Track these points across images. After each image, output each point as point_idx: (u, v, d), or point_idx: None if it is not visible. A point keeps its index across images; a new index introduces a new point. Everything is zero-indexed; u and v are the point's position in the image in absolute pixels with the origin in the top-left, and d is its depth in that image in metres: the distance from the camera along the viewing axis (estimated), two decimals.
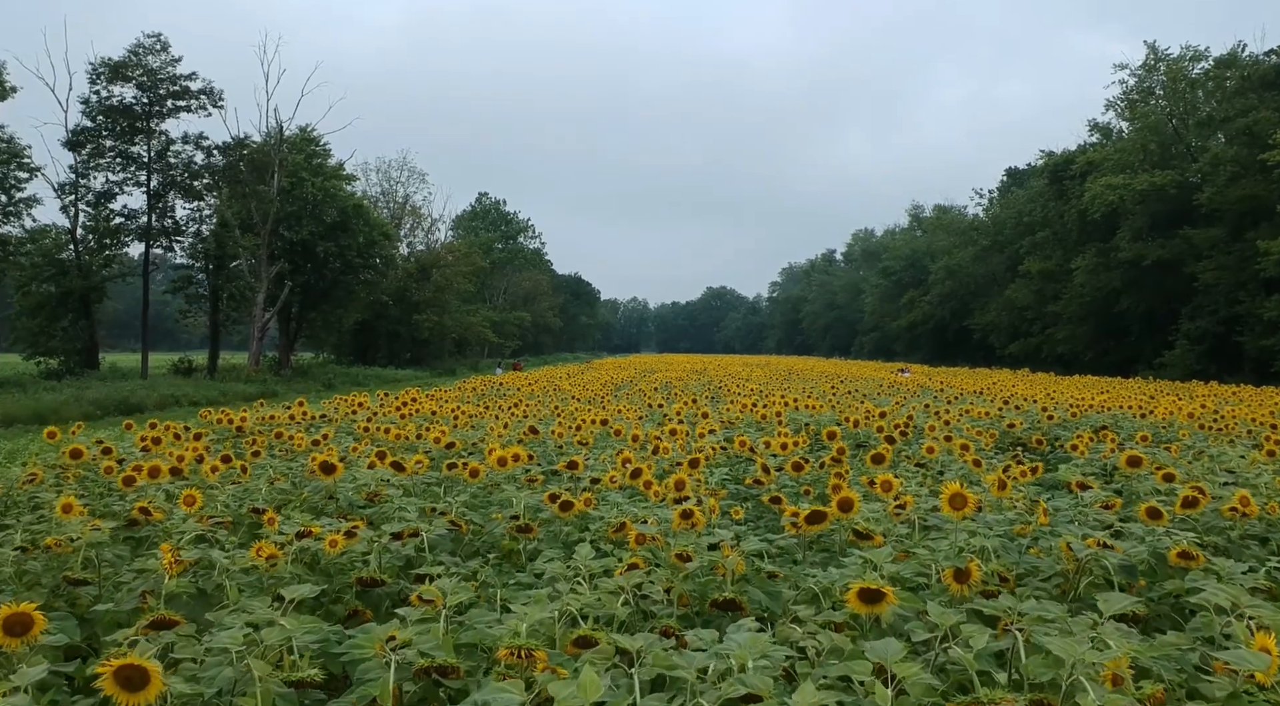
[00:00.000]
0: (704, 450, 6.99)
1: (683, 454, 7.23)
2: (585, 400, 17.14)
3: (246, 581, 3.51)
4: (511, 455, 6.64)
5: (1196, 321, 42.21)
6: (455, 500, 5.08)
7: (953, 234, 78.86)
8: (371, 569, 3.78)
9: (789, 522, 3.99)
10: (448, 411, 11.51)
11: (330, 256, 40.25)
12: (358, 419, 10.46)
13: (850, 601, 2.58)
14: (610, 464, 6.73)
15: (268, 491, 5.29)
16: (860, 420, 9.29)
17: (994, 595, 3.25)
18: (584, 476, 6.05)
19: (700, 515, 3.74)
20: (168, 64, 34.21)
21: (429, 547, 4.33)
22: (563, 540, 4.41)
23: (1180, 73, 49.05)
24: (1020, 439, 10.79)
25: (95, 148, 33.59)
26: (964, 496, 3.05)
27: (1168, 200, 45.78)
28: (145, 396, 23.75)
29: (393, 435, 8.92)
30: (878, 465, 6.16)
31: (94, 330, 33.26)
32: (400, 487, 5.74)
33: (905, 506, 4.60)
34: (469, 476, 5.42)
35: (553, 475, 6.86)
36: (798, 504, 6.42)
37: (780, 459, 7.20)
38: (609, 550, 3.85)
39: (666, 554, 3.62)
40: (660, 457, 6.69)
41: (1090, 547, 3.65)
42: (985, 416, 11.76)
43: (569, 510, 4.39)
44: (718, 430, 8.50)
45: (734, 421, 10.07)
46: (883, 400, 17.20)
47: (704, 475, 6.06)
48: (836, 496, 3.76)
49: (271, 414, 10.95)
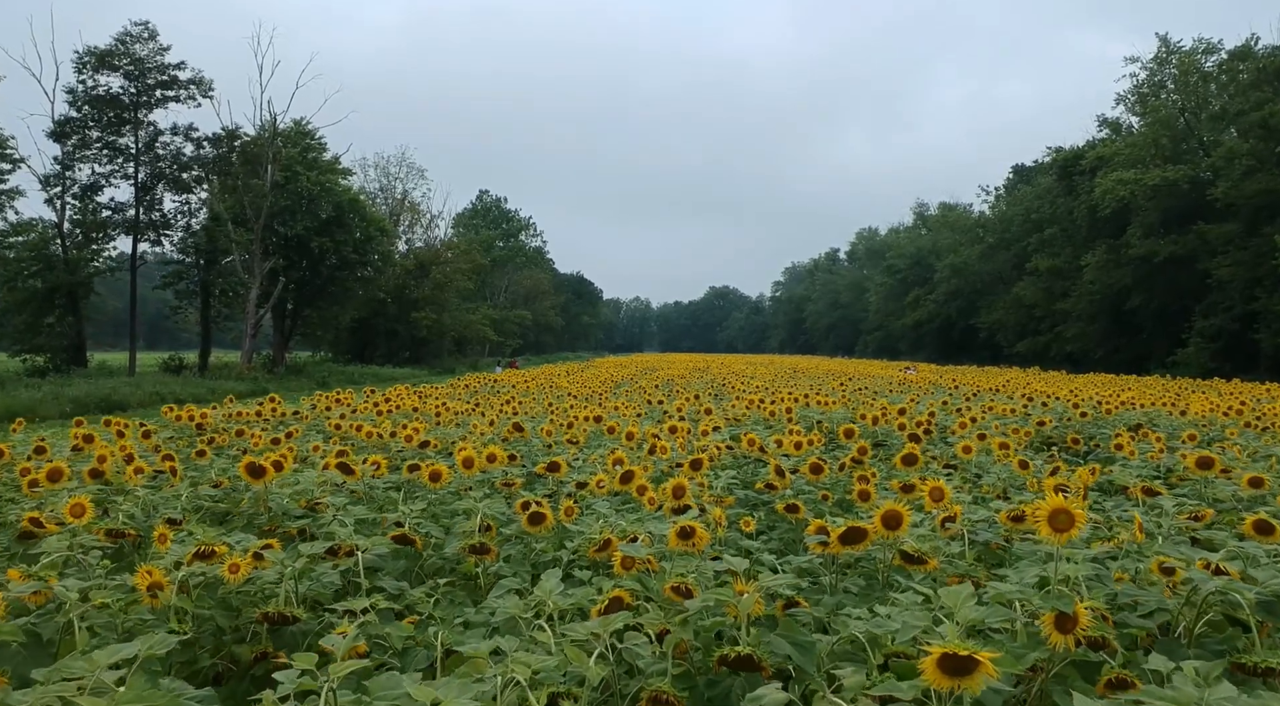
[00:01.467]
0: (707, 449, 6.15)
1: (684, 454, 6.39)
2: (582, 397, 16.30)
3: (103, 621, 2.67)
4: (487, 455, 5.82)
5: (1211, 318, 41.27)
6: (411, 509, 4.25)
7: (958, 232, 77.95)
8: (281, 602, 2.94)
9: (816, 542, 3.14)
10: (431, 408, 10.67)
11: (325, 252, 39.39)
12: (331, 416, 9.63)
13: (928, 672, 1.74)
14: (601, 465, 5.91)
15: (189, 498, 4.46)
16: (879, 417, 8.43)
17: (1102, 644, 2.42)
18: (568, 480, 5.22)
19: (703, 533, 2.90)
20: (156, 53, 33.34)
21: (368, 570, 3.50)
22: (533, 561, 3.57)
23: (1192, 66, 48.08)
24: (1052, 438, 9.95)
25: (81, 139, 32.67)
26: (1069, 514, 2.21)
27: (1180, 195, 44.85)
28: (129, 394, 22.92)
29: (364, 432, 8.09)
30: (908, 467, 5.32)
31: (82, 327, 32.40)
32: (352, 494, 4.91)
33: (954, 519, 3.76)
34: (429, 480, 4.57)
35: (535, 479, 6.04)
36: (818, 512, 5.58)
37: (794, 459, 6.36)
38: (586, 578, 3.01)
39: (660, 584, 2.78)
40: (658, 458, 5.85)
41: (1208, 576, 2.82)
42: (1010, 413, 10.90)
43: (539, 524, 3.55)
44: (722, 427, 7.66)
45: (740, 418, 9.23)
46: (896, 397, 16.35)
47: (707, 478, 5.23)
48: (879, 512, 2.92)
49: (239, 410, 10.13)
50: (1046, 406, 11.82)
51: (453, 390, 18.09)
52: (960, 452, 5.91)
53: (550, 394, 17.15)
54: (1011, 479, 5.70)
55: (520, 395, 17.41)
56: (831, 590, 3.21)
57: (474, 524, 3.52)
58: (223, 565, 3.01)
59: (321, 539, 3.74)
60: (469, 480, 5.20)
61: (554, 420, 9.50)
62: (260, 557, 3.06)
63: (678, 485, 3.97)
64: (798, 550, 4.88)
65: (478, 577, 3.43)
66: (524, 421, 10.21)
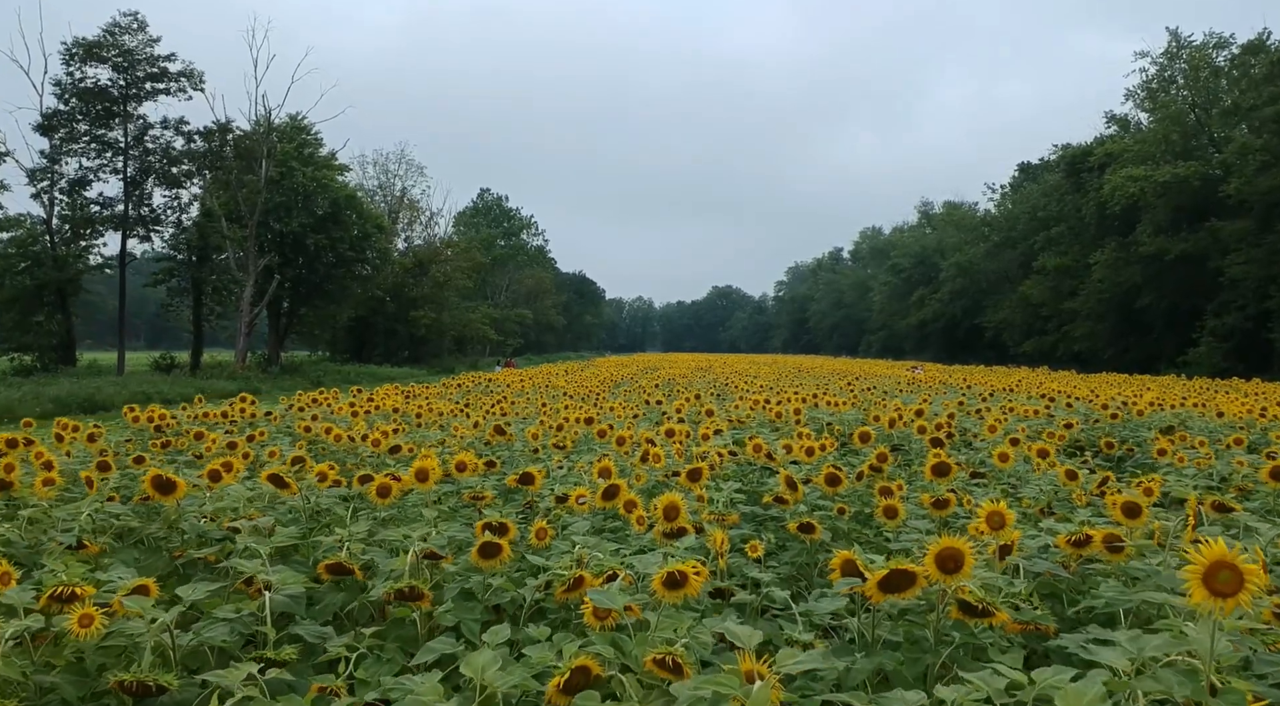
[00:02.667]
0: (708, 456, 5.44)
1: (681, 461, 5.68)
2: (579, 397, 15.60)
3: None
4: (456, 463, 5.11)
5: (1223, 317, 40.42)
6: (354, 530, 3.55)
7: (964, 230, 77.11)
8: (144, 665, 2.24)
9: (846, 586, 2.44)
10: (414, 409, 9.97)
11: (322, 249, 38.67)
12: (303, 417, 8.94)
13: None
14: (587, 474, 5.20)
15: (90, 517, 3.75)
16: (894, 419, 7.71)
17: None
18: (545, 494, 4.52)
19: (695, 582, 2.19)
20: (145, 44, 32.50)
21: (283, 615, 2.81)
22: (487, 602, 2.85)
23: (1203, 60, 47.27)
24: (1081, 441, 9.23)
25: (69, 132, 31.86)
26: (1235, 571, 1.50)
27: (1190, 192, 44.04)
28: (113, 394, 22.23)
29: (334, 435, 7.38)
30: (940, 478, 4.60)
31: (71, 325, 31.68)
32: (292, 510, 4.21)
33: (1011, 549, 3.04)
34: (377, 496, 3.87)
35: (512, 492, 5.33)
36: (834, 529, 4.87)
37: (806, 467, 5.65)
38: (546, 634, 2.30)
39: (640, 648, 2.07)
40: (651, 467, 5.14)
41: None
42: (1033, 415, 10.18)
43: (494, 557, 2.84)
44: (725, 430, 6.94)
45: (744, 420, 8.51)
46: (907, 397, 15.63)
47: (708, 490, 4.52)
48: (933, 550, 2.21)
49: (206, 411, 9.43)
50: (1071, 407, 11.08)
51: (444, 389, 17.40)
52: (996, 461, 5.19)
53: (545, 394, 16.45)
54: (1055, 491, 4.99)
55: (515, 395, 16.72)
56: (864, 645, 2.50)
57: (403, 562, 2.80)
58: (75, 614, 2.31)
59: (233, 573, 3.05)
60: (430, 494, 4.50)
61: (544, 421, 8.79)
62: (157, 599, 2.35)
63: (670, 504, 3.26)
64: (813, 578, 4.17)
65: (414, 625, 2.71)
66: (512, 422, 9.51)
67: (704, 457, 5.41)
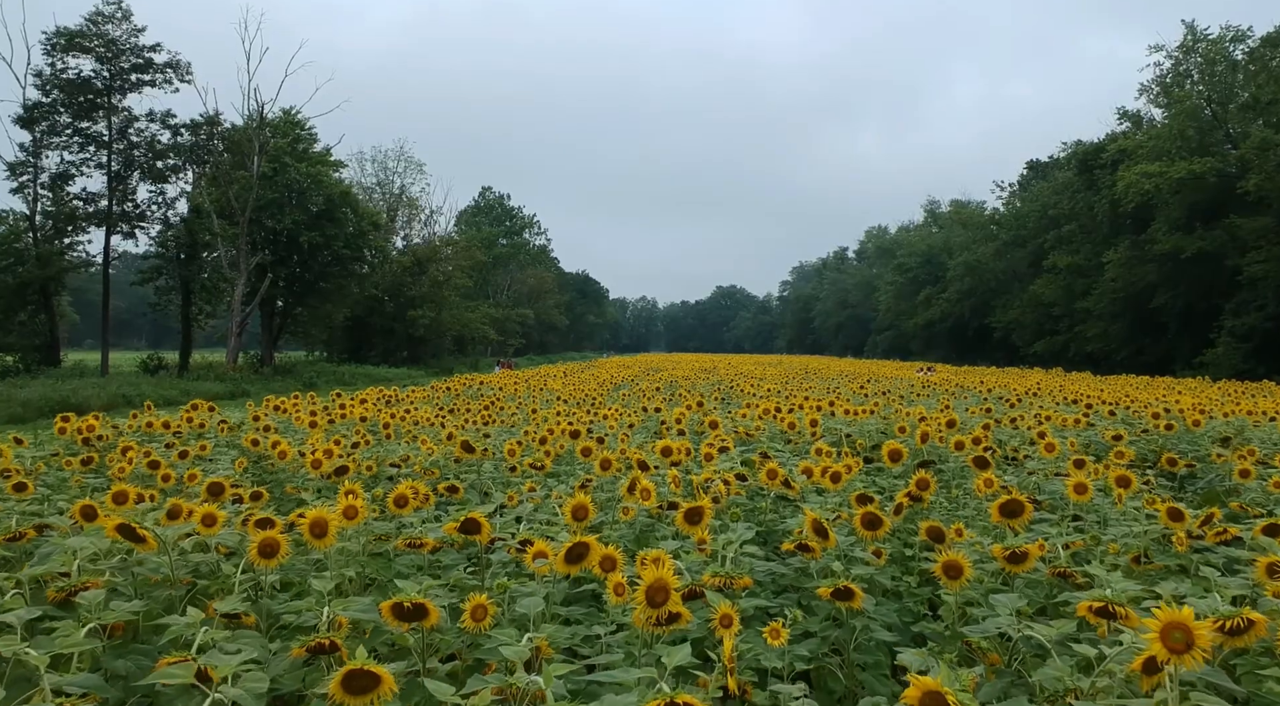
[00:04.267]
0: (712, 485, 4.43)
1: (679, 491, 4.68)
2: (574, 402, 14.60)
3: None
4: (395, 498, 4.15)
5: (1242, 317, 39.26)
6: (220, 609, 2.56)
7: (971, 229, 75.96)
8: None
9: None
10: (385, 417, 8.97)
11: (316, 247, 37.69)
12: (257, 428, 7.94)
13: None
14: (565, 505, 4.20)
15: None
16: (926, 433, 6.68)
17: None
18: (497, 546, 3.53)
19: None
20: (130, 34, 31.44)
21: None
22: None
23: (1220, 54, 46.11)
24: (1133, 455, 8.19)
25: (50, 125, 30.81)
26: None
27: (1207, 189, 42.91)
28: (90, 396, 21.23)
29: (278, 451, 6.40)
30: (1009, 519, 3.58)
31: (55, 324, 30.68)
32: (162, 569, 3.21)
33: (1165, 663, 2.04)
34: (259, 557, 2.86)
35: None
36: (873, 585, 3.86)
37: (832, 496, 4.65)
38: None
39: None
40: (640, 503, 4.12)
41: None
42: (1074, 425, 9.14)
43: (366, 694, 1.82)
44: (731, 446, 5.93)
45: (752, 433, 7.50)
46: (926, 402, 14.60)
47: (713, 536, 3.52)
48: None
49: (149, 421, 8.45)
50: (1112, 415, 10.04)
51: (433, 393, 16.41)
52: (1071, 493, 4.18)
53: (539, 398, 15.46)
54: (1148, 534, 3.97)
55: (506, 399, 15.74)
56: None
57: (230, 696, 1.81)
58: None
59: None
60: (354, 542, 3.50)
61: (530, 432, 7.80)
62: None
63: (658, 584, 2.26)
64: (856, 678, 3.17)
65: None
66: (494, 433, 8.50)
67: (707, 487, 4.41)
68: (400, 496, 4.29)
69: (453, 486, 5.22)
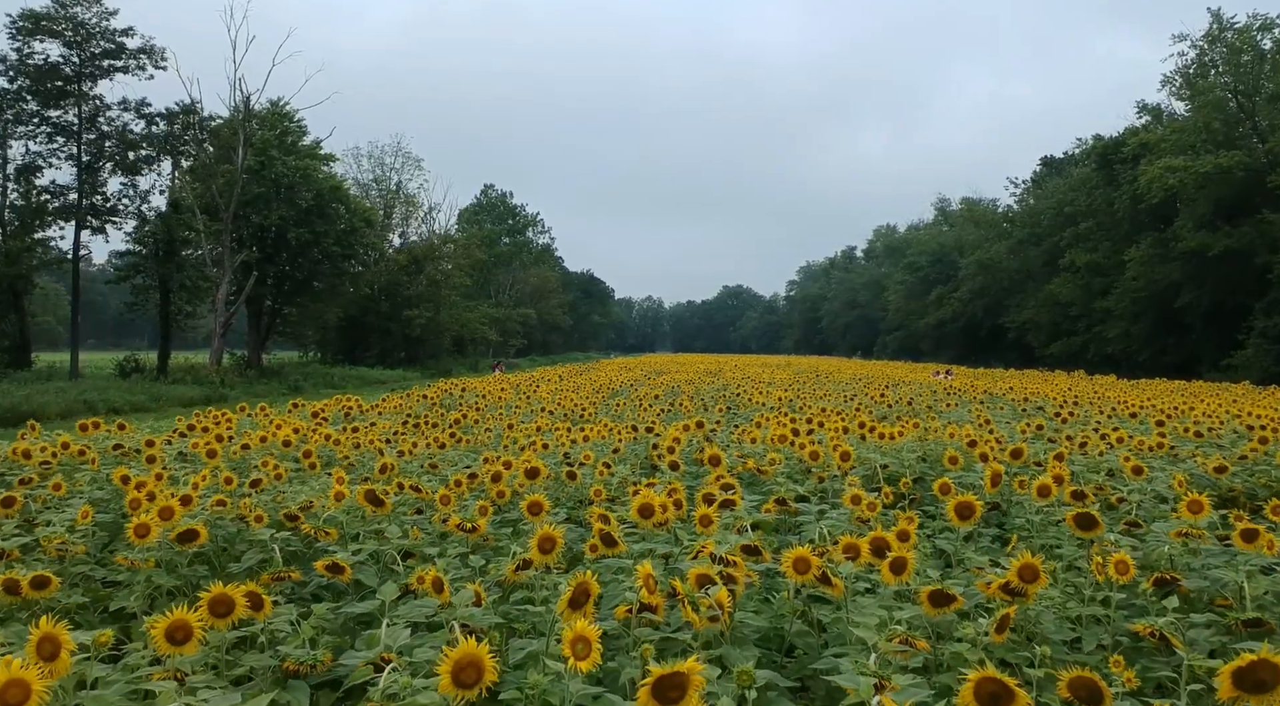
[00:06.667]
0: (710, 589, 2.82)
1: (655, 592, 3.06)
2: (561, 414, 13.02)
3: None
4: (211, 601, 2.58)
5: (1273, 318, 37.46)
6: None
7: (983, 227, 74.06)
8: None
9: None
10: (316, 441, 7.36)
11: (306, 244, 36.14)
12: (153, 453, 6.34)
13: None
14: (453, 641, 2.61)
15: None
16: (999, 471, 5.03)
17: None
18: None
19: None
20: (101, 17, 29.81)
21: None
22: None
23: (1247, 43, 44.25)
24: (1236, 490, 6.57)
25: (16, 113, 29.17)
26: None
27: (1234, 183, 41.08)
28: (48, 403, 19.71)
29: (145, 493, 4.81)
30: None
31: (25, 324, 29.12)
32: None
33: None
34: None
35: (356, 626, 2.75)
36: None
37: (894, 612, 3.04)
38: None
39: None
40: (582, 642, 2.49)
41: None
42: (1150, 450, 7.50)
43: None
44: (739, 500, 4.31)
45: (764, 470, 5.86)
46: (955, 414, 12.96)
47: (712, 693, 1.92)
48: None
49: (26, 447, 6.85)
50: (1200, 436, 8.37)
51: (406, 401, 14.83)
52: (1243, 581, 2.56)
53: (523, 409, 13.87)
54: None
55: (488, 408, 14.17)
56: None
57: None
58: None
59: None
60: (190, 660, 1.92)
61: (488, 463, 6.21)
62: None
63: None
64: None
65: None
66: (435, 464, 6.90)
67: (705, 589, 2.80)
68: (219, 600, 2.73)
69: (336, 564, 3.64)
